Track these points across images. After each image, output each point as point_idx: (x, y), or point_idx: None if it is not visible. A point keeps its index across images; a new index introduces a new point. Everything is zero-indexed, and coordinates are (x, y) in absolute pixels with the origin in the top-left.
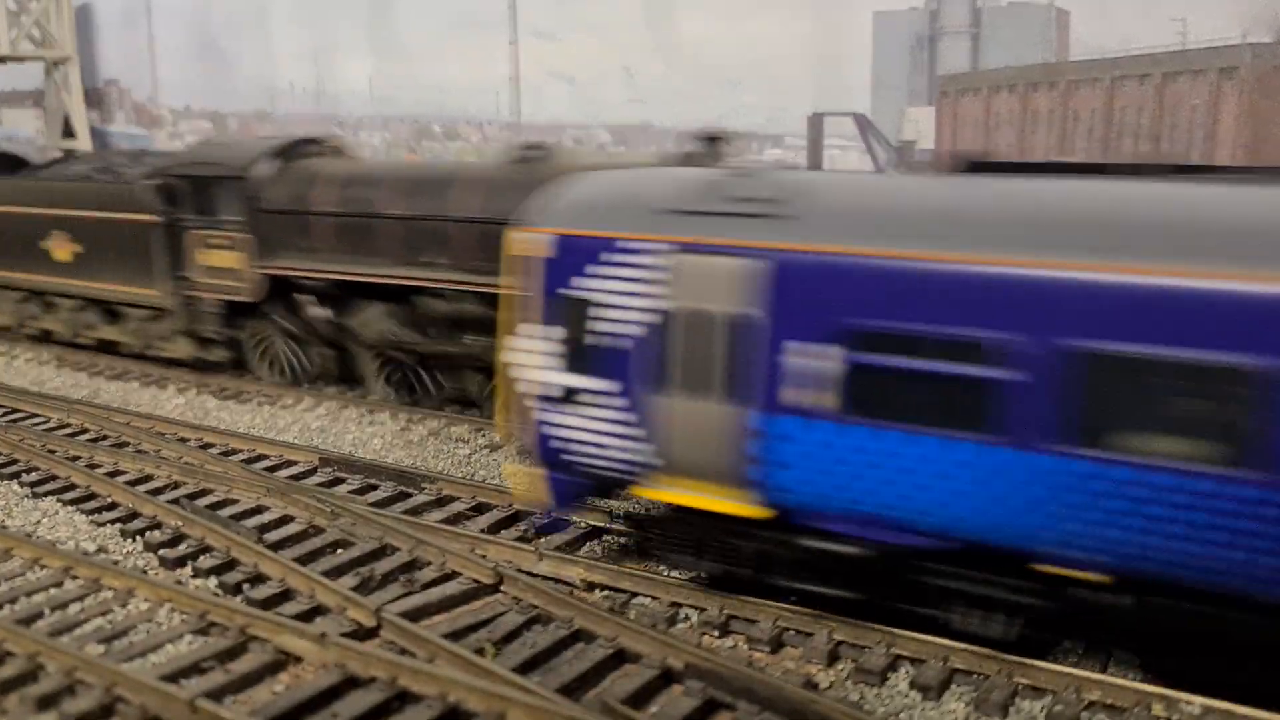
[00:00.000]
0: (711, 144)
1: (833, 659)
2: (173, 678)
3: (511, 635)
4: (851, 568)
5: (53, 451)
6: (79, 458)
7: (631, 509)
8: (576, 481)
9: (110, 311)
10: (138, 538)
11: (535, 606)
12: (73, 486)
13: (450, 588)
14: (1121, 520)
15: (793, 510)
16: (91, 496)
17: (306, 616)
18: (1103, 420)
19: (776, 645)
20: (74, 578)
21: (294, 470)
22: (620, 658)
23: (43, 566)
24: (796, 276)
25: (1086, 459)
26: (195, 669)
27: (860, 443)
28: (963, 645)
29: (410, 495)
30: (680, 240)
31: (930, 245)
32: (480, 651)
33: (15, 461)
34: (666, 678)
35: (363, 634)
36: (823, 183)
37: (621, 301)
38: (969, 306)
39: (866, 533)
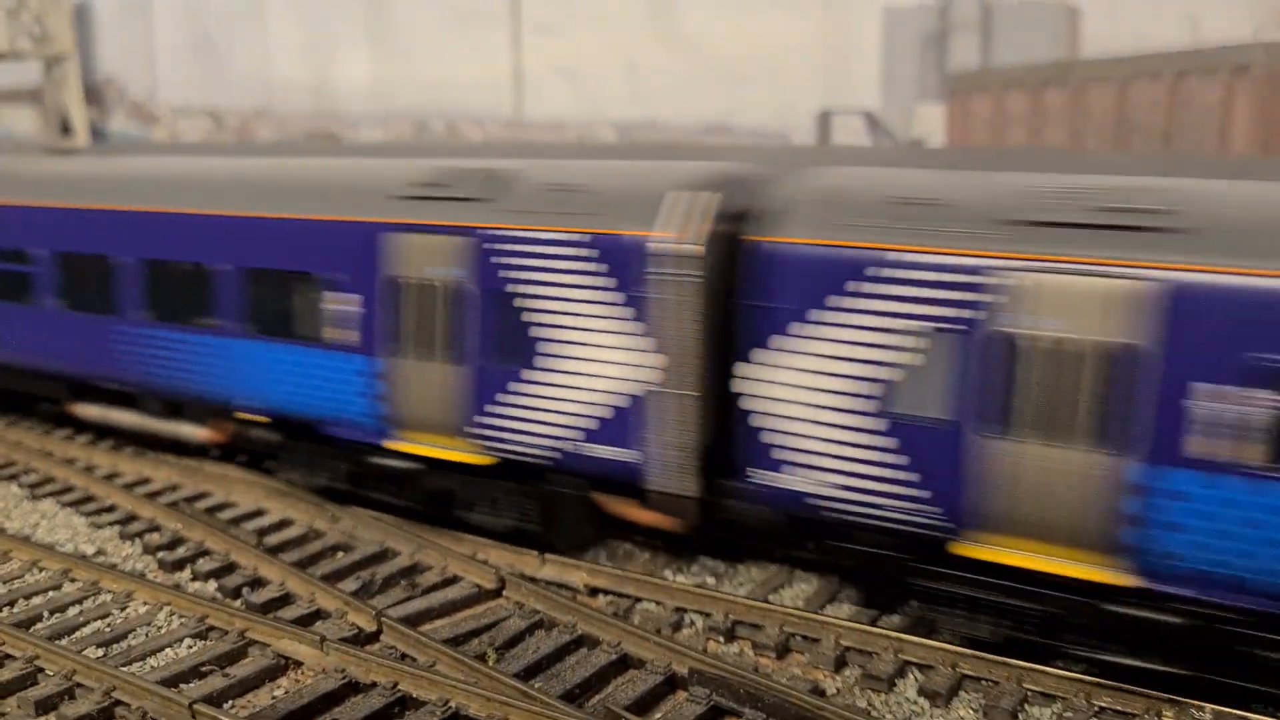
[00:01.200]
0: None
1: (840, 665)
2: (172, 681)
3: (514, 640)
4: None
5: (51, 453)
6: (77, 460)
7: None
8: None
9: None
10: (137, 540)
11: (538, 611)
12: (71, 488)
13: (452, 592)
14: None
15: None
16: (90, 499)
17: (307, 620)
18: None
19: (783, 651)
20: (73, 580)
21: None
22: (624, 663)
23: (41, 569)
24: None
25: None
26: (195, 673)
27: None
28: (972, 652)
29: None
30: None
31: None
32: (482, 657)
33: (14, 463)
34: (671, 684)
35: (363, 638)
36: None
37: None
38: None
39: None
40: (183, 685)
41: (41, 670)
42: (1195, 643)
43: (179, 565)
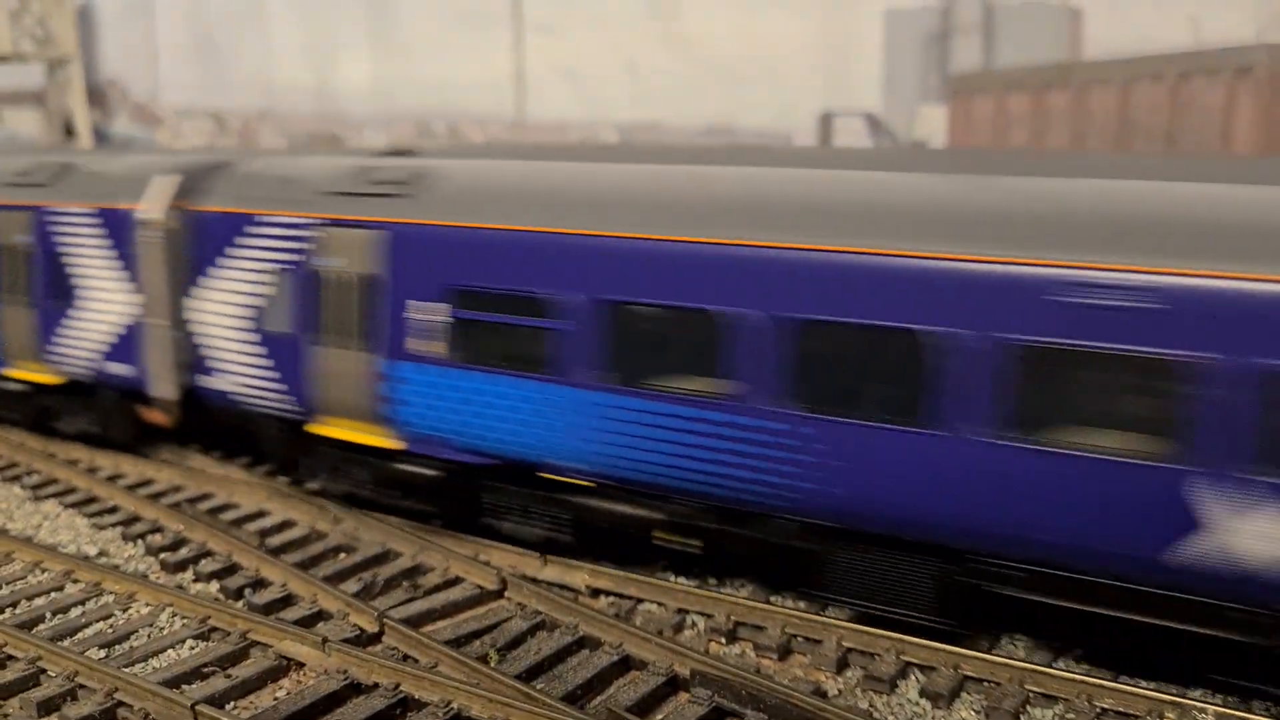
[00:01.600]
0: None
1: (842, 666)
2: (174, 683)
3: (515, 641)
4: None
5: (53, 455)
6: (79, 461)
7: None
8: None
9: None
10: (139, 541)
11: (539, 612)
12: (74, 490)
13: (454, 593)
14: None
15: None
16: (93, 500)
17: (309, 622)
18: None
19: (785, 652)
20: (75, 581)
21: None
22: (626, 664)
23: (44, 570)
24: None
25: None
26: (197, 674)
27: None
28: (974, 653)
29: None
30: None
31: None
32: (484, 658)
33: (16, 464)
34: (673, 685)
35: (365, 639)
36: None
37: None
38: None
39: None
40: (185, 686)
41: (44, 671)
42: (449, 489)
43: (181, 566)
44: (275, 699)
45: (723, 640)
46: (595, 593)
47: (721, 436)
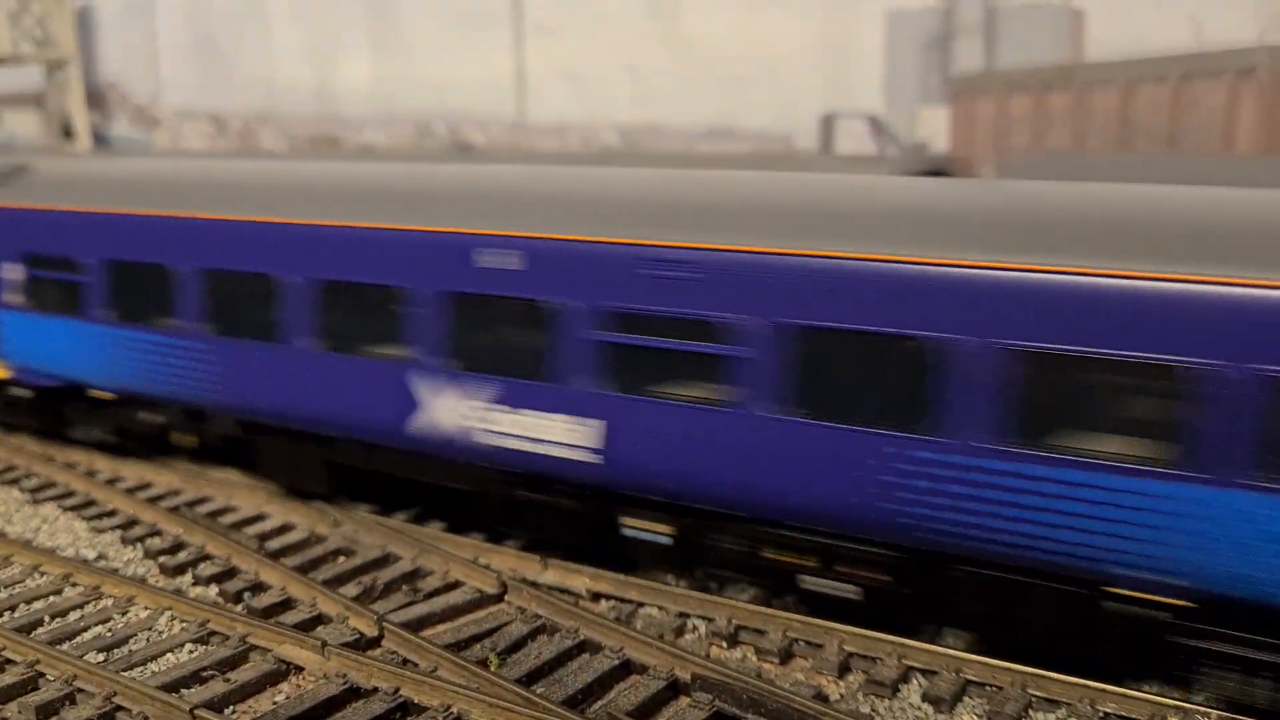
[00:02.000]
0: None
1: (843, 670)
2: (173, 686)
3: (516, 645)
4: None
5: (52, 458)
6: (78, 464)
7: None
8: None
9: None
10: (138, 545)
11: (540, 616)
12: (73, 493)
13: (454, 597)
14: None
15: None
16: (91, 503)
17: (308, 625)
18: None
19: (786, 656)
20: (74, 585)
21: None
22: (626, 669)
23: (42, 573)
24: None
25: None
26: (195, 678)
27: None
28: (976, 657)
29: None
30: None
31: None
32: (484, 662)
33: (15, 467)
34: (674, 689)
35: (365, 643)
36: None
37: None
38: None
39: None
40: (184, 690)
41: (42, 675)
42: (42, 407)
43: (180, 570)
44: (274, 703)
45: (724, 644)
46: (596, 596)
47: (175, 355)
